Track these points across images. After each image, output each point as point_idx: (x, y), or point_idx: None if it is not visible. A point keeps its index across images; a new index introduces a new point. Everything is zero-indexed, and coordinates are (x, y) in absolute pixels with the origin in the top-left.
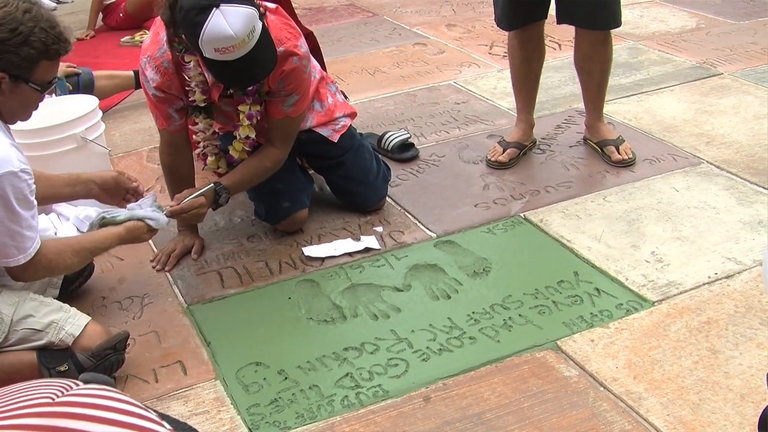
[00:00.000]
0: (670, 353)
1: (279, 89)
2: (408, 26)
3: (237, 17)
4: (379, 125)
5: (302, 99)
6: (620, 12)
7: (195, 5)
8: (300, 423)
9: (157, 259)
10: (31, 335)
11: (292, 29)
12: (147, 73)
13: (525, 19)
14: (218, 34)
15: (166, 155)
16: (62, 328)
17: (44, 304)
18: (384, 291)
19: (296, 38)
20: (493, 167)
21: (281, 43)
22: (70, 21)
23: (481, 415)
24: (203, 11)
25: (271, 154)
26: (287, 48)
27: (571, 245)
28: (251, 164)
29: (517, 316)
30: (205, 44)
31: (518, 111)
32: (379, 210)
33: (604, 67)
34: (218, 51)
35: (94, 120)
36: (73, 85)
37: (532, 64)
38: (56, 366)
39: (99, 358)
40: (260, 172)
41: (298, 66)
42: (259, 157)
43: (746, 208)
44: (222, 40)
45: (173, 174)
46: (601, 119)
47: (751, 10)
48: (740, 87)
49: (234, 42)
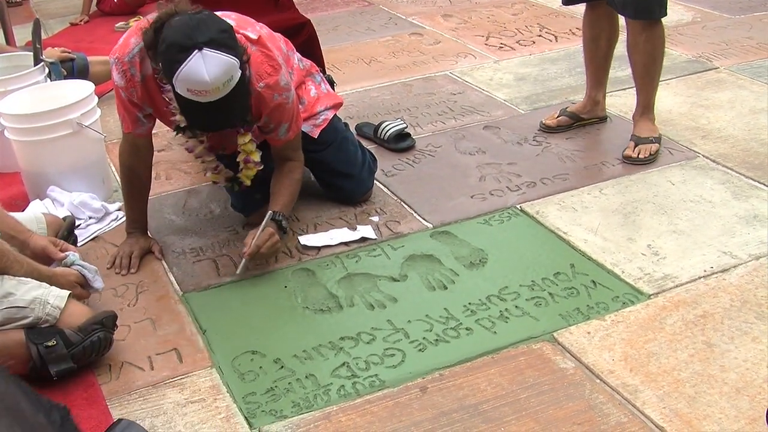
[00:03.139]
0: (666, 346)
1: (267, 124)
2: (404, 16)
3: (216, 64)
4: (375, 115)
5: (293, 123)
6: (659, 4)
7: (177, 42)
8: (296, 412)
9: (118, 264)
10: (15, 314)
11: (272, 62)
12: (113, 75)
13: None
14: (194, 76)
15: (126, 156)
16: (47, 302)
17: (23, 282)
18: (380, 281)
19: (277, 72)
20: (541, 129)
21: (261, 78)
22: (63, 5)
23: (478, 406)
24: (184, 51)
25: (294, 167)
26: (267, 83)
27: (568, 237)
28: (285, 184)
29: (514, 308)
30: (179, 83)
31: (586, 86)
32: (370, 200)
33: (645, 60)
34: (191, 92)
35: (90, 105)
36: (67, 70)
37: (600, 43)
38: (44, 341)
39: (86, 333)
40: (296, 185)
41: (280, 101)
42: (286, 175)
43: (742, 203)
44: (196, 83)
45: (131, 176)
46: (644, 114)
47: (746, 4)
48: (736, 81)
49: (208, 88)
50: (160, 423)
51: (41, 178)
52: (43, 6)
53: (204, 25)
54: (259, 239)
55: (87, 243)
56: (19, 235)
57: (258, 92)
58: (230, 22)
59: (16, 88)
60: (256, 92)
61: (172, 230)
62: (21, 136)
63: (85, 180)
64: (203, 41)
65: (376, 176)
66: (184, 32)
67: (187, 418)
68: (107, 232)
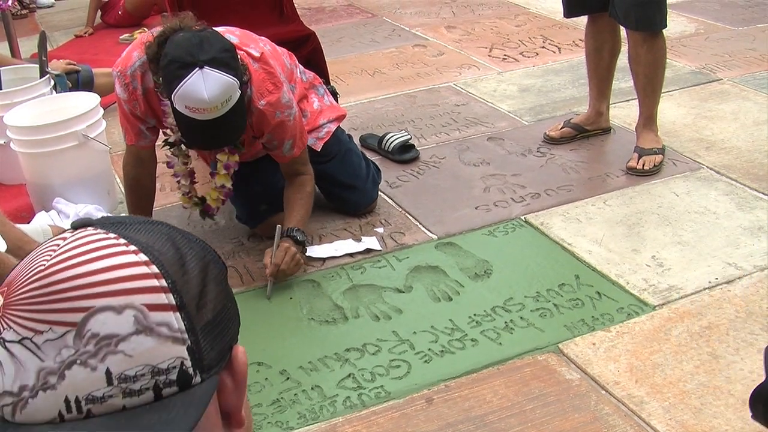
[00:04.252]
0: (671, 357)
1: (270, 141)
2: (407, 27)
3: (216, 84)
4: (379, 126)
5: (298, 140)
6: (660, 16)
7: (179, 59)
8: (302, 423)
9: None
10: None
11: (274, 79)
12: (116, 88)
13: (579, 9)
14: (193, 94)
15: (130, 167)
16: None
17: None
18: (385, 292)
19: (278, 90)
20: (545, 140)
21: (262, 96)
22: (68, 18)
23: (484, 418)
24: (185, 67)
25: (304, 180)
26: (269, 101)
27: (572, 248)
28: (297, 199)
29: (519, 319)
30: (178, 99)
31: (589, 97)
32: (374, 211)
33: (647, 71)
34: (188, 108)
35: (96, 117)
36: (72, 82)
37: (602, 54)
38: None
39: None
40: (308, 198)
41: (282, 119)
42: (297, 189)
43: (746, 214)
44: (195, 101)
45: (135, 187)
46: (646, 125)
47: (749, 16)
48: (740, 93)
49: (206, 106)
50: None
51: (47, 189)
52: (47, 18)
53: (207, 43)
54: (276, 257)
55: None
56: (26, 246)
57: (260, 110)
58: (233, 38)
59: (21, 100)
60: (257, 110)
61: None
62: (26, 148)
63: (90, 191)
64: (205, 59)
65: (380, 188)
66: (187, 49)
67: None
68: None
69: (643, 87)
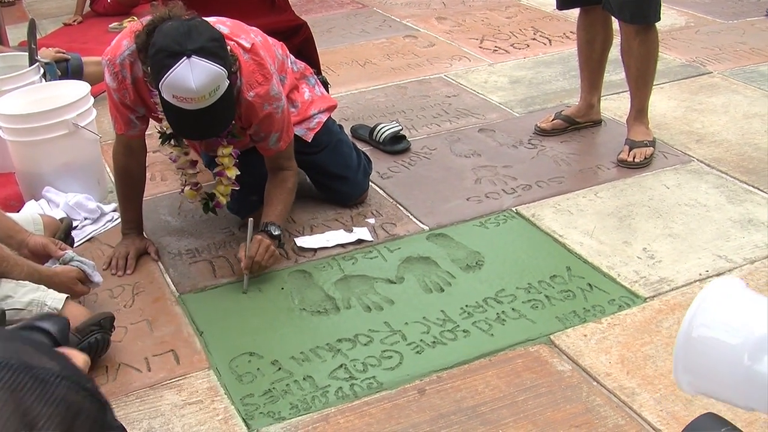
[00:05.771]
0: (662, 349)
1: (257, 132)
2: (398, 18)
3: (203, 73)
4: (370, 117)
5: (284, 134)
6: (654, 9)
7: (167, 48)
8: (294, 413)
9: (114, 264)
10: (13, 315)
11: (264, 70)
12: (105, 77)
13: (572, 1)
14: (180, 83)
15: (120, 156)
16: (44, 304)
17: (20, 285)
18: (377, 283)
19: (268, 82)
20: (536, 132)
21: (252, 87)
22: (56, 5)
23: (476, 408)
24: (173, 56)
25: (286, 176)
26: (258, 93)
27: (564, 240)
28: (277, 194)
29: (510, 310)
30: (165, 88)
31: (580, 89)
32: (365, 202)
33: (639, 64)
34: (176, 98)
35: (86, 106)
36: (62, 70)
37: (594, 46)
38: None
39: (84, 334)
40: (289, 195)
41: (270, 111)
42: (278, 185)
43: (736, 207)
44: (182, 90)
45: (124, 176)
46: (637, 118)
47: (739, 9)
48: (729, 86)
49: (193, 95)
50: (158, 425)
51: (36, 178)
52: (36, 6)
53: (195, 32)
54: (250, 250)
55: (83, 244)
56: (16, 235)
57: (248, 101)
58: (224, 29)
59: (11, 88)
60: (246, 101)
61: (168, 231)
62: (16, 136)
63: (80, 181)
64: (192, 49)
65: (371, 178)
66: (175, 38)
67: (184, 419)
68: (103, 233)
69: (635, 79)
